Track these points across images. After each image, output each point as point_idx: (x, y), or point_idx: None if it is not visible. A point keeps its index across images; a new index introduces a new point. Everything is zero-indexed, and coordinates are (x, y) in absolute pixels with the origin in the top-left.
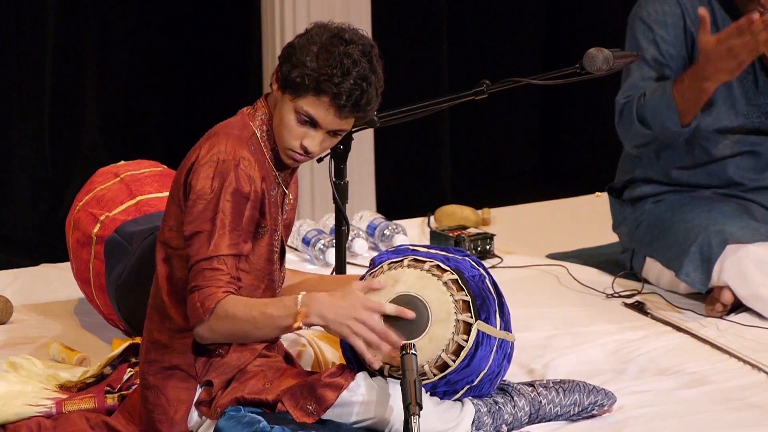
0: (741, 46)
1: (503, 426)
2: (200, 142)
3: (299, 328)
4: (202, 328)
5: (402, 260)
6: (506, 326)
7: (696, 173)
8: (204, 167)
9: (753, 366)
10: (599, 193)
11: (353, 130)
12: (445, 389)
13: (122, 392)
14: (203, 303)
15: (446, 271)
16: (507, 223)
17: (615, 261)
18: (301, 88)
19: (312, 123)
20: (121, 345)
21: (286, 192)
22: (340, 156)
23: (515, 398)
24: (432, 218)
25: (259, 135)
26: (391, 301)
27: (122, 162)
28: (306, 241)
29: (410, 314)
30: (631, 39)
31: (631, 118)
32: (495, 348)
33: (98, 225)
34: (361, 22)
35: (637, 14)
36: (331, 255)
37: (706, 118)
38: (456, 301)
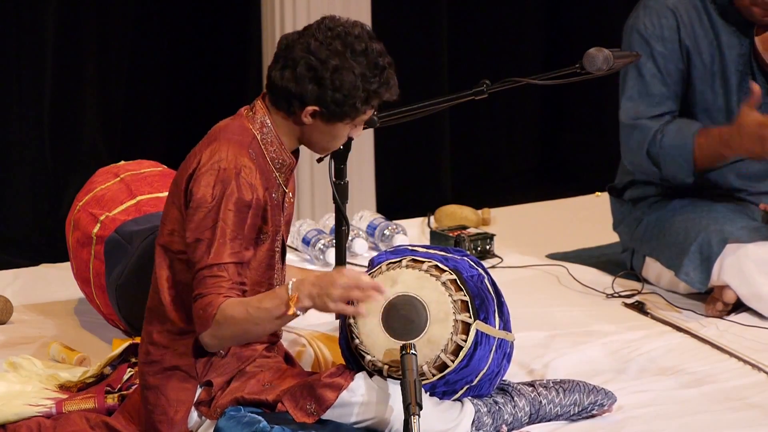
0: None
1: (503, 426)
2: (200, 147)
3: (295, 315)
4: (207, 335)
5: (400, 260)
6: (505, 326)
7: (697, 178)
8: (205, 175)
9: (753, 366)
10: (599, 193)
11: None
12: (444, 389)
13: (122, 392)
14: (206, 310)
15: (445, 271)
16: (507, 223)
17: (615, 261)
18: (365, 110)
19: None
20: (121, 345)
21: (286, 191)
22: (340, 156)
23: (515, 398)
24: (432, 218)
25: (259, 138)
26: (389, 302)
27: (122, 162)
28: (306, 241)
29: (382, 289)
30: (627, 50)
31: (639, 150)
32: (494, 348)
33: (98, 225)
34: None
35: (634, 26)
36: (331, 255)
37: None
38: (454, 301)
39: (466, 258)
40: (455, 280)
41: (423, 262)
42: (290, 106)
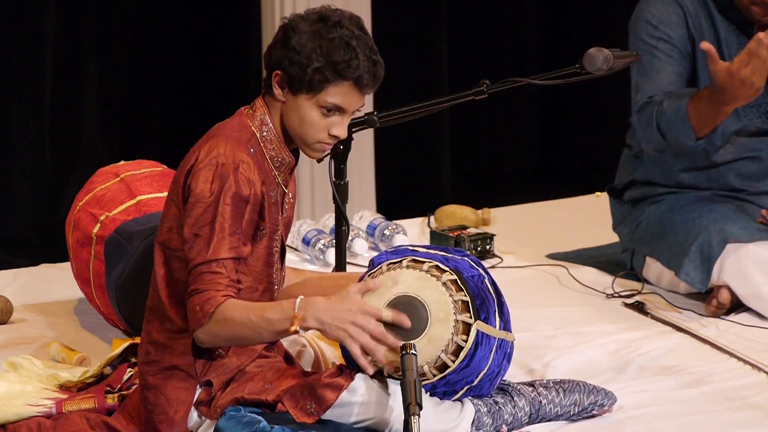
0: (753, 73)
1: (503, 426)
2: (199, 144)
3: (297, 332)
4: (202, 332)
5: (401, 261)
6: (506, 326)
7: (697, 176)
8: (203, 170)
9: (753, 366)
10: (599, 193)
11: (353, 129)
12: (444, 389)
13: (122, 392)
14: (203, 307)
15: (445, 271)
16: (507, 223)
17: (615, 261)
18: (322, 83)
19: (337, 110)
20: (121, 345)
21: (286, 191)
22: (340, 156)
23: (515, 398)
24: (432, 218)
25: (258, 136)
26: (389, 302)
27: (122, 162)
28: (306, 241)
29: (407, 322)
30: (636, 42)
31: (649, 123)
32: (494, 348)
33: (98, 225)
34: None
35: (641, 16)
36: (331, 255)
37: None
38: (455, 301)
39: (466, 258)
40: (456, 280)
41: (424, 262)
42: (269, 78)
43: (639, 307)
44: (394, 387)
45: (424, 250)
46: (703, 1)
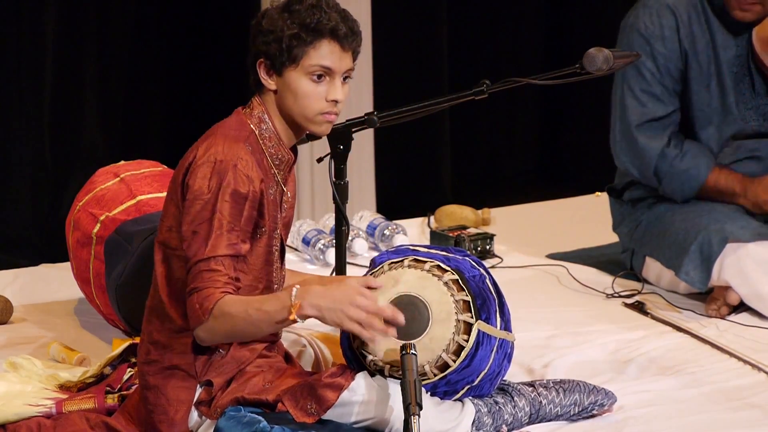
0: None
1: (503, 426)
2: (197, 143)
3: (295, 321)
4: (202, 329)
5: (402, 260)
6: (506, 326)
7: None
8: (201, 167)
9: (753, 366)
10: (599, 193)
11: (353, 130)
12: (445, 389)
13: (122, 392)
14: (202, 304)
15: (447, 271)
16: (507, 223)
17: (615, 261)
18: (301, 48)
19: (327, 72)
20: (121, 345)
21: (284, 190)
22: (340, 156)
23: (515, 398)
24: (432, 218)
25: (257, 133)
26: (391, 301)
27: (122, 162)
28: (306, 241)
29: (400, 318)
30: (626, 48)
31: (645, 155)
32: (495, 348)
33: (98, 225)
34: (361, 22)
35: (634, 25)
36: (331, 255)
37: (705, 130)
38: (456, 301)
39: (467, 258)
40: (457, 280)
41: (425, 262)
42: (256, 74)
43: (639, 307)
44: (395, 387)
45: (426, 249)
46: (701, 5)
